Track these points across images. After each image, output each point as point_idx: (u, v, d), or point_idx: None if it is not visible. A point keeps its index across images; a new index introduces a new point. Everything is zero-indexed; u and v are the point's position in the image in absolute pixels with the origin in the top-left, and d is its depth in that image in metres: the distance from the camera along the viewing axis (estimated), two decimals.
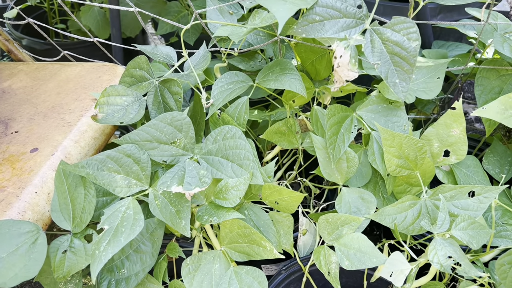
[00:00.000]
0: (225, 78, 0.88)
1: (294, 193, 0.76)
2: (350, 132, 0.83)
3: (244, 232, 0.74)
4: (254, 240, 0.73)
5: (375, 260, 0.75)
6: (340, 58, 0.63)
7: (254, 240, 0.73)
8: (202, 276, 0.74)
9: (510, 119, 0.84)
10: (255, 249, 0.74)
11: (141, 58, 0.87)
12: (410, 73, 0.64)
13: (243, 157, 0.75)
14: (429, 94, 0.90)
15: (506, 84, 0.93)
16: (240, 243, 0.75)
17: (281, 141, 0.94)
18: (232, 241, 0.76)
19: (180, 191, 0.69)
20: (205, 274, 0.75)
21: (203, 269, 0.75)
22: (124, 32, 1.49)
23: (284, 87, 0.82)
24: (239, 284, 0.73)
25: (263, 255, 0.73)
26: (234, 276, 0.74)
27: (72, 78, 1.01)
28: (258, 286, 0.72)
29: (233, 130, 0.77)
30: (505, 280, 0.71)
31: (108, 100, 0.83)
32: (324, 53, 0.95)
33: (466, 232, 0.74)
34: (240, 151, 0.75)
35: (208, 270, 0.75)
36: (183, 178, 0.72)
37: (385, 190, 0.88)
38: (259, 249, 0.74)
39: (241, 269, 0.74)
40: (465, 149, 0.88)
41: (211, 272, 0.75)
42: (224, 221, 0.74)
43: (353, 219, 0.79)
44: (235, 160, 0.75)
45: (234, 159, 0.75)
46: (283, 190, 0.76)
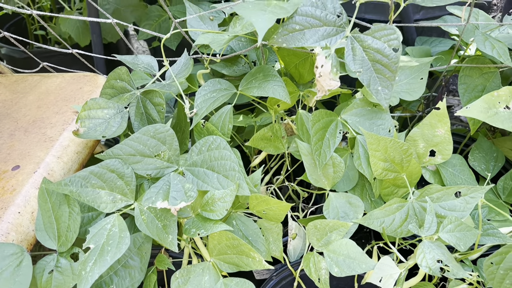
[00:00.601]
0: (208, 86, 0.87)
1: (281, 203, 0.76)
2: (335, 137, 0.83)
3: (233, 243, 0.74)
4: (242, 251, 0.73)
5: (364, 266, 0.75)
6: (321, 68, 0.63)
7: (243, 251, 0.73)
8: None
9: (493, 117, 0.84)
10: (244, 260, 0.73)
11: (121, 69, 0.86)
12: (392, 80, 0.64)
13: (228, 168, 0.74)
14: (413, 95, 0.90)
15: (489, 81, 0.93)
16: (229, 254, 0.75)
17: (267, 147, 0.93)
18: (221, 252, 0.76)
19: (165, 207, 0.68)
20: (194, 286, 0.74)
21: (192, 282, 0.75)
22: (105, 37, 1.47)
23: (268, 95, 0.81)
24: None
25: (252, 266, 0.73)
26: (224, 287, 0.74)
27: (53, 90, 1.00)
28: None
29: (218, 140, 0.76)
30: (492, 281, 0.71)
31: (89, 113, 0.82)
32: (307, 57, 0.94)
33: (453, 234, 0.75)
34: (226, 162, 0.75)
35: (197, 283, 0.75)
36: (168, 192, 0.71)
37: (372, 193, 0.88)
38: (248, 260, 0.73)
39: (230, 281, 0.74)
40: (450, 148, 0.88)
41: (201, 284, 0.75)
42: (212, 234, 0.74)
43: (341, 225, 0.79)
44: (220, 171, 0.75)
45: (219, 170, 0.75)
46: (270, 200, 0.76)
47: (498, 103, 0.84)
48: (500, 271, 0.71)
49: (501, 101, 0.84)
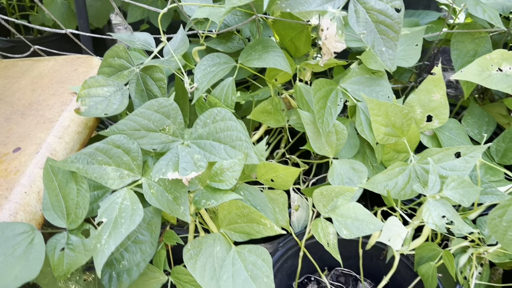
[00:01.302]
0: (207, 60, 0.87)
1: (290, 169, 0.77)
2: (336, 105, 0.84)
3: (243, 212, 0.74)
4: (253, 218, 0.73)
5: (373, 227, 0.77)
6: (326, 30, 0.63)
7: (253, 219, 0.74)
8: (204, 260, 0.74)
9: (487, 80, 0.87)
10: (255, 228, 0.74)
11: (118, 47, 0.85)
12: (396, 40, 0.65)
13: (235, 138, 0.74)
14: (409, 61, 0.91)
15: (480, 46, 0.95)
16: (239, 223, 0.75)
17: (268, 120, 0.94)
18: (231, 222, 0.76)
19: (176, 177, 0.68)
20: (207, 257, 0.74)
21: (204, 253, 0.75)
22: (91, 23, 1.44)
23: (269, 65, 0.81)
24: (242, 263, 0.73)
25: (264, 232, 0.73)
26: (237, 256, 0.74)
27: (46, 73, 0.98)
28: (263, 263, 0.72)
29: (223, 112, 0.76)
30: (496, 233, 0.74)
31: (89, 92, 0.81)
32: (303, 29, 0.95)
33: (457, 191, 0.77)
34: (232, 133, 0.75)
35: (209, 253, 0.75)
36: (178, 164, 0.71)
37: (373, 159, 0.90)
38: (259, 227, 0.74)
39: (243, 249, 0.74)
40: (446, 112, 0.91)
41: (212, 254, 0.75)
42: (222, 204, 0.74)
43: (347, 190, 0.81)
44: (227, 142, 0.75)
45: (226, 141, 0.75)
46: (278, 167, 0.77)
47: (491, 66, 0.87)
48: (503, 223, 0.74)
49: (493, 63, 0.87)
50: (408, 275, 0.94)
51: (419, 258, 0.89)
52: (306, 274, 1.08)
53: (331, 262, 1.05)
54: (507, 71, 0.87)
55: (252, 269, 0.72)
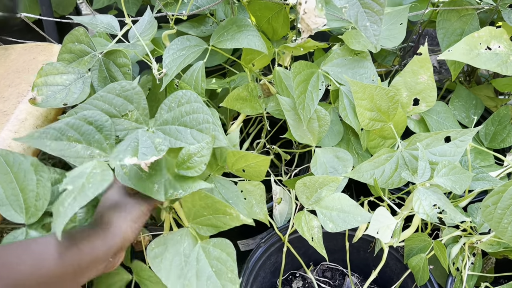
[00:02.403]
0: (176, 44, 0.80)
1: (260, 157, 0.71)
2: (318, 89, 0.78)
3: (207, 203, 0.67)
4: (218, 209, 0.67)
5: (360, 219, 0.71)
6: (305, 3, 0.57)
7: (218, 210, 0.67)
8: (171, 258, 0.67)
9: (476, 59, 0.82)
10: (222, 219, 0.67)
11: (78, 30, 0.77)
12: (381, 14, 0.59)
13: (202, 120, 0.67)
14: (394, 41, 0.86)
15: (467, 24, 0.91)
16: (205, 216, 0.69)
17: (244, 108, 0.87)
18: (197, 215, 0.70)
19: (135, 162, 0.61)
20: (173, 255, 0.68)
21: (170, 251, 0.68)
22: (56, 10, 1.35)
23: (242, 45, 0.75)
24: (207, 259, 0.67)
25: (231, 223, 0.67)
26: (201, 251, 0.68)
27: (2, 62, 0.89)
28: (227, 257, 0.66)
29: (188, 94, 0.68)
30: (490, 221, 0.69)
31: (46, 80, 0.73)
32: (280, 9, 0.88)
33: (448, 178, 0.72)
34: (198, 115, 0.68)
35: (176, 251, 0.68)
36: (137, 149, 0.64)
37: (358, 147, 0.85)
38: (225, 218, 0.67)
39: (208, 243, 0.68)
40: (434, 95, 0.86)
41: (179, 252, 0.68)
42: (184, 196, 0.68)
43: (331, 180, 0.75)
44: (194, 126, 0.68)
45: (192, 125, 0.68)
46: (248, 156, 0.70)
47: (479, 44, 0.82)
48: (497, 210, 0.69)
49: (482, 42, 0.82)
50: (397, 268, 0.89)
51: (409, 249, 0.84)
52: (291, 270, 1.02)
53: (317, 257, 1.00)
54: (496, 50, 0.82)
55: (217, 264, 0.66)
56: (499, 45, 0.82)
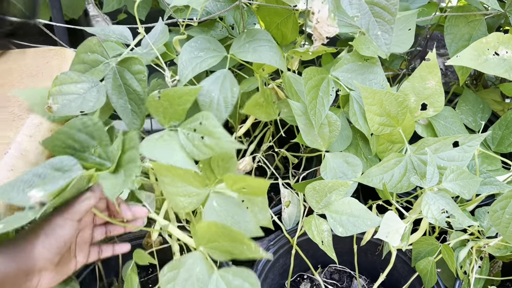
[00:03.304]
0: (195, 42, 0.78)
1: (260, 181, 0.66)
2: (328, 95, 0.79)
3: (223, 231, 0.63)
4: (235, 238, 0.63)
5: (370, 223, 0.73)
6: (318, 13, 0.58)
7: (235, 238, 0.63)
8: (184, 283, 0.65)
9: (483, 64, 0.83)
10: (239, 247, 0.63)
11: (92, 40, 0.78)
12: (392, 23, 0.60)
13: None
14: (402, 47, 0.87)
15: (475, 30, 0.91)
16: (220, 242, 0.65)
17: (260, 113, 0.88)
18: (211, 240, 0.66)
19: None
20: (185, 280, 0.65)
21: (182, 275, 0.66)
22: (66, 13, 1.36)
23: (263, 61, 0.73)
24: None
25: (248, 254, 0.62)
26: (220, 280, 0.64)
27: (16, 67, 0.91)
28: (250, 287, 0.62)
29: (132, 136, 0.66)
30: (498, 226, 0.71)
31: (61, 89, 0.74)
32: (289, 15, 0.89)
33: (456, 183, 0.73)
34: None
35: (189, 275, 0.65)
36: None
37: (367, 151, 0.86)
38: (242, 247, 0.62)
39: (227, 272, 0.64)
40: (442, 100, 0.87)
41: (192, 276, 0.65)
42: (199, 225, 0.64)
43: (341, 184, 0.76)
44: None
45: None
46: (247, 179, 0.66)
47: (487, 50, 0.83)
48: (506, 215, 0.70)
49: (489, 47, 0.83)
50: (405, 271, 0.91)
51: (416, 253, 0.86)
52: (299, 272, 1.03)
53: (325, 259, 1.01)
54: (504, 55, 0.83)
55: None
56: (507, 51, 0.83)
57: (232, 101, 0.73)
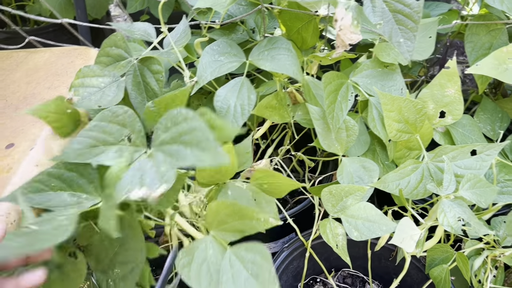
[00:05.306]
0: (217, 46, 0.80)
1: (291, 181, 0.69)
2: (347, 100, 0.80)
3: (233, 210, 0.66)
4: (245, 215, 0.65)
5: (385, 228, 0.73)
6: (341, 20, 0.59)
7: (245, 215, 0.65)
8: (198, 266, 0.67)
9: (503, 74, 0.82)
10: (248, 224, 0.65)
11: (117, 36, 0.80)
12: (415, 31, 0.61)
13: (202, 138, 0.65)
14: (423, 54, 0.87)
15: (495, 39, 0.91)
16: (230, 223, 0.67)
17: (272, 115, 0.89)
18: (221, 223, 0.68)
19: (142, 196, 0.59)
20: (200, 263, 0.67)
21: (197, 259, 0.68)
22: (89, 13, 1.39)
23: (281, 71, 0.74)
24: (241, 263, 0.65)
25: (258, 227, 0.64)
26: (234, 256, 0.65)
27: (42, 65, 0.93)
28: (262, 260, 0.63)
29: (183, 111, 0.63)
30: None
31: (83, 81, 0.76)
32: (310, 20, 0.90)
33: (473, 191, 0.73)
34: (197, 133, 0.65)
35: (203, 259, 0.67)
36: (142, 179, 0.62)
37: (384, 157, 0.86)
38: (252, 223, 0.65)
39: (239, 248, 0.66)
40: (461, 108, 0.87)
41: (206, 259, 0.67)
42: (209, 207, 0.67)
43: (357, 189, 0.77)
44: (194, 145, 0.62)
45: (193, 144, 0.62)
46: (280, 176, 0.69)
47: (508, 59, 0.83)
48: None
49: (510, 57, 0.83)
50: (418, 278, 0.91)
51: (430, 260, 0.86)
52: (312, 275, 1.04)
53: (338, 263, 1.01)
54: None
55: (252, 267, 0.65)
56: None
57: (249, 108, 0.75)
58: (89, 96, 0.76)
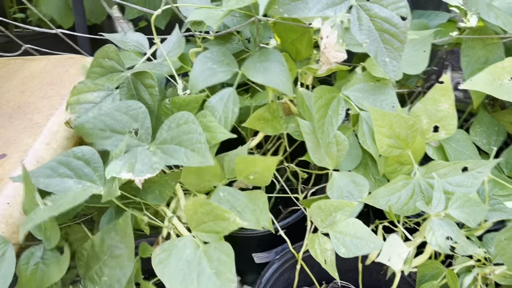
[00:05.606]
0: (211, 54, 0.82)
1: (267, 159, 0.75)
2: (338, 114, 0.80)
3: (207, 209, 0.70)
4: (218, 215, 0.69)
5: (373, 246, 0.73)
6: (326, 38, 0.59)
7: (218, 215, 0.69)
8: (175, 264, 0.70)
9: (498, 90, 0.82)
10: (221, 224, 0.69)
11: (109, 47, 0.81)
12: (401, 51, 0.60)
13: (195, 141, 0.70)
14: (416, 68, 0.87)
15: (491, 53, 0.90)
16: (206, 222, 0.71)
17: (265, 128, 0.89)
18: (199, 222, 0.72)
19: (130, 177, 0.64)
20: (177, 261, 0.70)
21: (174, 257, 0.70)
22: (89, 19, 1.40)
23: (271, 84, 0.77)
24: (208, 262, 0.68)
25: (229, 227, 0.69)
26: (203, 254, 0.69)
27: (37, 74, 0.94)
28: (226, 258, 0.67)
29: (186, 115, 0.71)
30: (504, 256, 0.70)
31: (79, 98, 0.77)
32: (304, 32, 0.90)
33: (462, 210, 0.73)
34: (192, 136, 0.70)
35: (179, 257, 0.70)
36: (134, 165, 0.67)
37: (376, 172, 0.86)
38: (224, 223, 0.69)
39: (209, 247, 0.70)
40: (454, 123, 0.86)
41: (182, 258, 0.70)
42: (187, 204, 0.71)
43: (346, 204, 0.77)
44: (188, 146, 0.70)
45: (187, 145, 0.70)
46: (256, 159, 0.75)
47: (502, 75, 0.82)
48: (511, 246, 0.69)
49: (505, 72, 0.82)
50: None
51: (421, 276, 0.85)
52: (303, 287, 1.04)
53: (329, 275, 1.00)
54: None
55: (217, 265, 0.67)
56: None
57: (231, 121, 0.79)
58: (85, 113, 0.77)
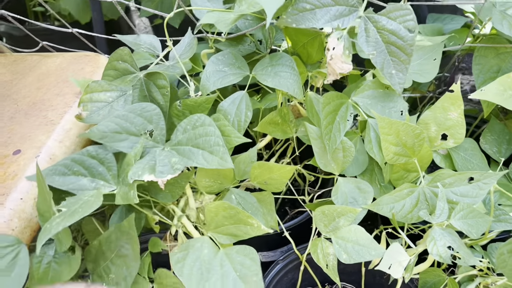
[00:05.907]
0: (223, 56, 0.84)
1: (285, 168, 0.76)
2: (345, 121, 0.80)
3: (230, 213, 0.71)
4: (240, 219, 0.71)
5: (374, 253, 0.74)
6: (333, 50, 0.60)
7: (240, 220, 0.71)
8: (192, 263, 0.71)
9: (509, 100, 0.81)
10: (242, 229, 0.71)
11: (123, 50, 0.82)
12: (407, 63, 0.60)
13: (213, 143, 0.72)
14: (426, 77, 0.86)
15: (504, 62, 0.89)
16: (226, 225, 0.73)
17: (275, 131, 0.90)
18: (218, 225, 0.73)
19: (152, 179, 0.66)
20: (194, 260, 0.71)
21: (191, 256, 0.72)
22: (106, 14, 1.42)
23: (282, 88, 0.78)
24: (231, 264, 0.69)
25: (251, 232, 0.71)
26: (225, 257, 0.70)
27: (53, 70, 0.97)
28: (251, 263, 0.68)
29: (202, 118, 0.73)
30: (504, 269, 0.70)
31: (91, 97, 0.79)
32: (316, 36, 0.90)
33: (465, 221, 0.73)
34: (210, 138, 0.72)
35: (197, 257, 0.72)
36: (154, 167, 0.69)
37: (381, 178, 0.86)
38: (246, 228, 0.71)
39: (231, 250, 0.71)
40: (463, 132, 0.86)
41: (200, 258, 0.72)
42: (208, 206, 0.72)
43: (349, 211, 0.77)
44: (205, 148, 0.72)
45: (204, 147, 0.72)
46: (274, 167, 0.76)
47: None
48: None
49: None
50: None
51: (423, 283, 0.86)
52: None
53: None
54: None
55: (241, 269, 0.69)
56: None
57: (244, 125, 0.80)
58: (97, 111, 0.79)
